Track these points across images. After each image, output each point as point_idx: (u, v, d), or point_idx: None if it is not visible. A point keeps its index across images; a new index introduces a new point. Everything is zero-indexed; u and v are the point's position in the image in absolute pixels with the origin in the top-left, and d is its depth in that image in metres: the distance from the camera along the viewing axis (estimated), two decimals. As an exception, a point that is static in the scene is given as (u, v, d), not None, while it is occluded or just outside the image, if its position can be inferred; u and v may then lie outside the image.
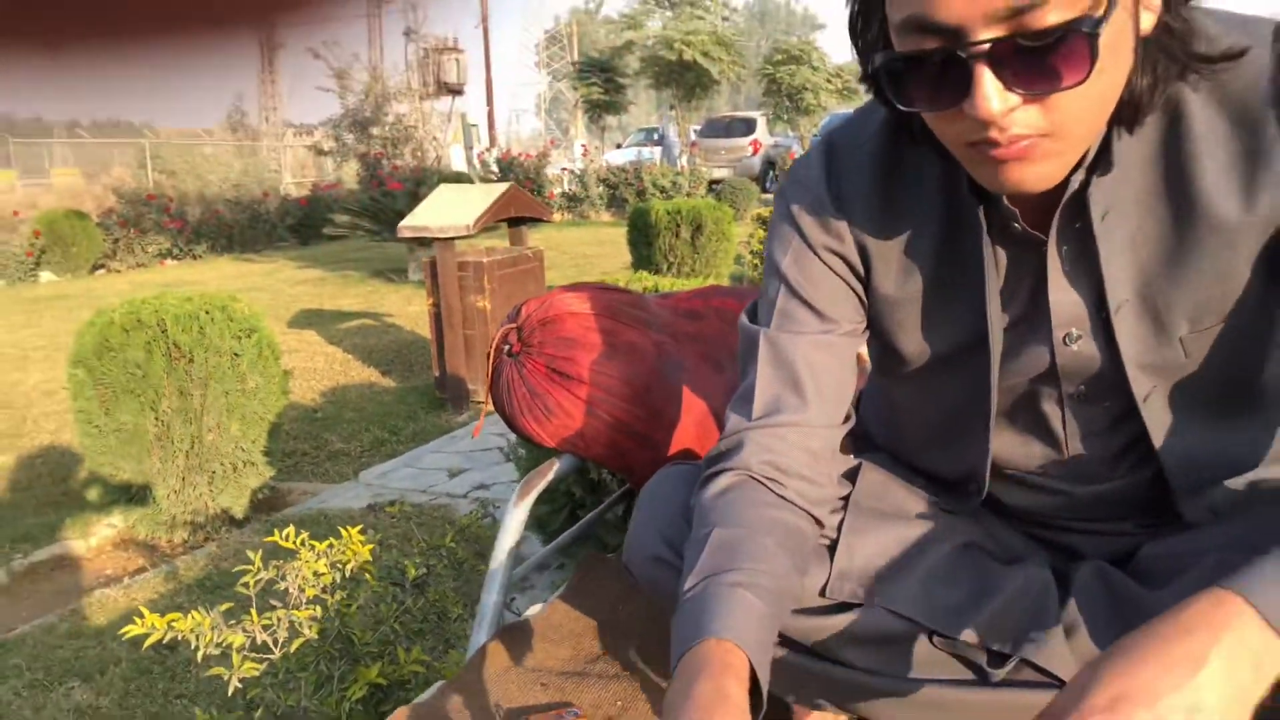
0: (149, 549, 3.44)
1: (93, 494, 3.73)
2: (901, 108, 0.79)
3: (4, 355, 6.83)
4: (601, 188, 15.72)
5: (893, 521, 1.04)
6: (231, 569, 2.74)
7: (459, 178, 12.17)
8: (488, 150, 17.80)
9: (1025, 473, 1.04)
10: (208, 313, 3.27)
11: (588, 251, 10.74)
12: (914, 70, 0.76)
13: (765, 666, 0.81)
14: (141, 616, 1.64)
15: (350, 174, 14.81)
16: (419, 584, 1.86)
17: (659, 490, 1.07)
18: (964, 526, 1.06)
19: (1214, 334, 0.90)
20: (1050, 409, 0.99)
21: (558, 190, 16.33)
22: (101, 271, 11.18)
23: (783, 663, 1.01)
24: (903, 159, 0.95)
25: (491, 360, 1.46)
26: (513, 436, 2.94)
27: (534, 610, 1.36)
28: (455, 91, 20.77)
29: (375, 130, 15.14)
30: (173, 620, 1.48)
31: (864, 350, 1.09)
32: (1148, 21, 0.77)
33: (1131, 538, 1.03)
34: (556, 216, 15.40)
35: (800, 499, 0.95)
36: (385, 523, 3.23)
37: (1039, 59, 0.71)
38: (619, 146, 22.17)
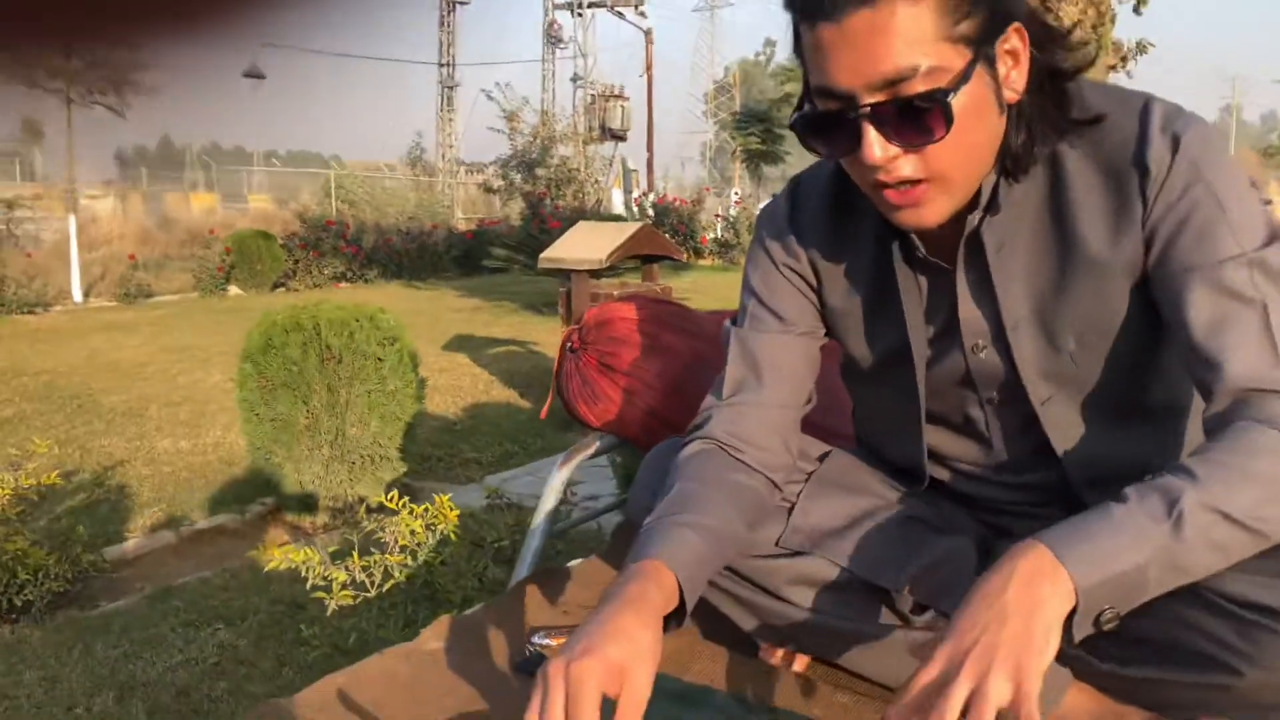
0: (294, 529, 3.88)
1: (251, 477, 4.22)
2: (818, 153, 1.04)
3: (192, 357, 7.61)
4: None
5: (847, 493, 1.26)
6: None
7: (617, 219, 12.69)
8: (644, 194, 18.37)
9: (964, 464, 1.24)
10: (358, 321, 3.70)
11: (730, 295, 10.99)
12: (823, 125, 1.00)
13: (694, 588, 1.04)
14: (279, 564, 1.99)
15: (516, 212, 15.52)
16: (503, 554, 2.16)
17: (656, 457, 1.32)
18: (914, 504, 1.27)
19: (1101, 351, 1.09)
20: (976, 413, 1.19)
21: (710, 235, 16.66)
22: (281, 289, 12.17)
23: (742, 598, 1.24)
24: (850, 198, 1.16)
25: (559, 355, 1.75)
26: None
27: (574, 563, 1.63)
28: (618, 137, 21.54)
29: (540, 171, 15.87)
30: (289, 552, 1.81)
31: None
32: (1012, 95, 0.99)
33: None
34: (707, 260, 15.73)
35: (755, 463, 1.19)
36: (495, 517, 3.57)
37: (910, 120, 0.94)
38: (774, 196, 22.39)
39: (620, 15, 24.31)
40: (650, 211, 15.63)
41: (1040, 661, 0.82)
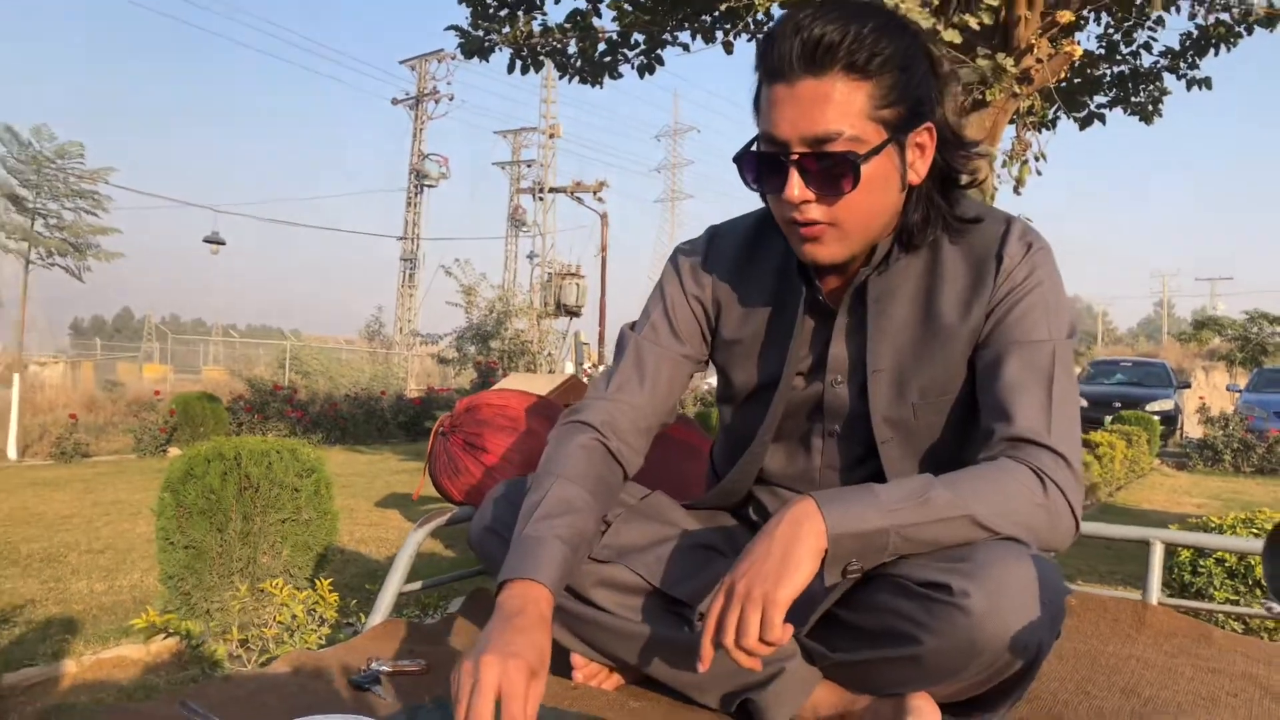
0: (199, 658, 3.86)
1: (161, 611, 4.21)
2: (751, 186, 1.27)
3: (121, 510, 7.58)
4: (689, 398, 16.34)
5: (653, 522, 1.43)
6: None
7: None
8: (595, 366, 18.79)
9: (785, 487, 1.44)
10: (277, 452, 3.82)
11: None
12: (761, 165, 1.24)
13: (559, 591, 1.21)
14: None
15: (467, 381, 15.77)
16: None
17: (497, 492, 1.47)
18: (710, 534, 1.44)
19: (936, 407, 1.33)
20: (816, 442, 1.40)
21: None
22: (224, 451, 12.13)
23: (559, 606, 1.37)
24: (762, 243, 1.43)
25: (431, 440, 1.91)
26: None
27: (426, 621, 1.74)
28: (573, 313, 22.14)
29: (494, 343, 16.25)
30: (170, 621, 1.90)
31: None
32: (914, 178, 1.25)
33: None
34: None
35: (618, 454, 1.38)
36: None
37: (825, 173, 1.19)
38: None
39: (579, 200, 25.43)
40: (598, 383, 15.95)
41: (789, 587, 1.05)
